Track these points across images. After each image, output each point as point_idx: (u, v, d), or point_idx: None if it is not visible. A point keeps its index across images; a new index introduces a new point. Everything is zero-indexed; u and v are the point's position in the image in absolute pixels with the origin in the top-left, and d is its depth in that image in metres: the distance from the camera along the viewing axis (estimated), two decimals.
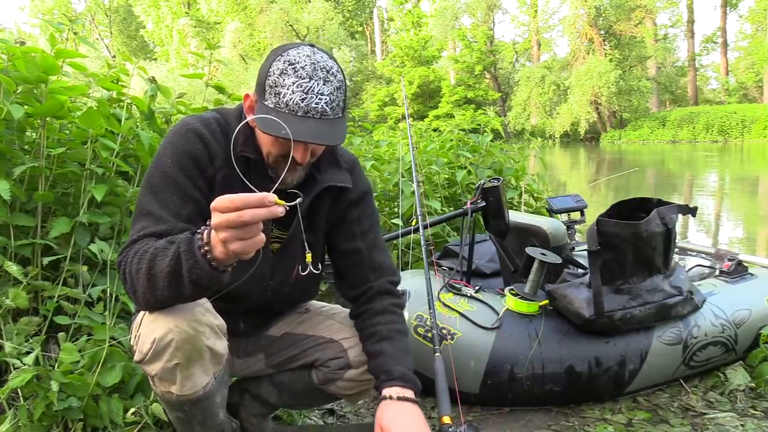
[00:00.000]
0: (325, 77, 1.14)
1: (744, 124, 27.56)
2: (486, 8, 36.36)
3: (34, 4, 44.25)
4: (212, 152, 1.23)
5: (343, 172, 1.37)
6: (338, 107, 1.17)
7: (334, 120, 1.16)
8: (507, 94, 36.69)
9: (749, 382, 2.07)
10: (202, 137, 1.22)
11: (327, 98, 1.13)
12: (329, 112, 1.14)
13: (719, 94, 38.50)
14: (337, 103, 1.16)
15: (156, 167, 1.20)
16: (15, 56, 1.85)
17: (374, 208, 1.47)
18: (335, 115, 1.16)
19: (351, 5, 45.01)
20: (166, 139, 1.24)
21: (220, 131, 1.25)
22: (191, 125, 1.23)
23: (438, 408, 1.65)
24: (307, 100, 1.11)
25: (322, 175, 1.32)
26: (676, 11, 37.74)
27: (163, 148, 1.22)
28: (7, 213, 1.75)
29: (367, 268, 1.40)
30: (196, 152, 1.21)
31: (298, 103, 1.11)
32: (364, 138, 4.63)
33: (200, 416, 1.27)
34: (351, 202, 1.39)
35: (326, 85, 1.13)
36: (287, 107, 1.11)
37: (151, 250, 1.03)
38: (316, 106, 1.12)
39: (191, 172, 1.20)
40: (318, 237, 1.39)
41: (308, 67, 1.12)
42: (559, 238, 2.25)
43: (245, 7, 36.41)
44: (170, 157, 1.20)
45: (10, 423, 1.49)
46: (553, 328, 1.96)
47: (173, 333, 1.11)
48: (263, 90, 1.15)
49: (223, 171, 1.23)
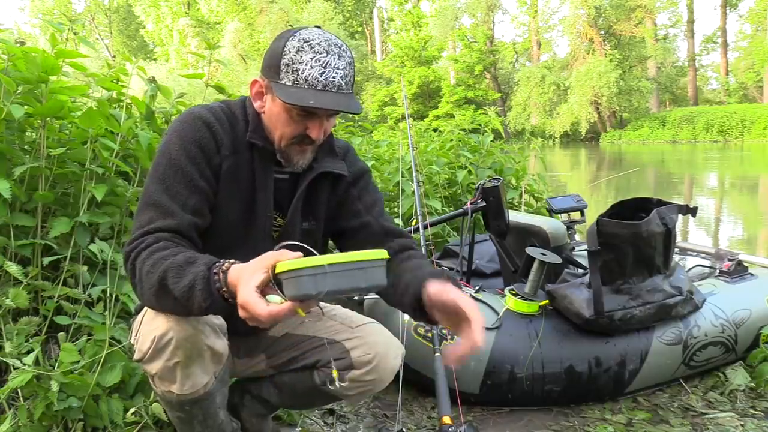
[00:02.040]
0: (339, 52, 1.16)
1: (744, 124, 27.57)
2: (486, 8, 36.37)
3: (34, 4, 44.25)
4: (219, 140, 1.23)
5: (338, 160, 1.38)
6: (350, 83, 1.19)
7: (348, 94, 1.18)
8: (507, 94, 36.68)
9: (749, 382, 2.07)
10: (209, 125, 1.22)
11: (342, 72, 1.16)
12: (344, 86, 1.16)
13: (719, 94, 38.51)
14: (350, 78, 1.19)
15: (163, 155, 1.20)
16: (15, 56, 1.85)
17: (374, 186, 1.46)
18: (348, 90, 1.18)
19: (351, 5, 45.01)
20: (173, 126, 1.24)
21: (226, 119, 1.26)
22: (199, 113, 1.24)
23: (438, 408, 1.65)
24: (326, 74, 1.13)
25: (318, 164, 1.33)
26: (676, 11, 37.75)
27: (170, 136, 1.22)
28: (7, 213, 1.75)
29: (380, 235, 1.36)
30: (203, 141, 1.21)
31: (317, 77, 1.13)
32: (364, 138, 4.64)
33: (201, 416, 1.27)
34: (349, 183, 1.39)
35: (341, 60, 1.16)
36: (307, 82, 1.13)
37: (167, 262, 1.03)
38: (334, 79, 1.14)
39: (199, 160, 1.20)
40: (318, 225, 1.39)
41: (323, 44, 1.15)
42: (559, 238, 2.25)
43: (245, 7, 36.42)
44: (177, 145, 1.20)
45: (10, 423, 1.49)
46: (553, 328, 1.96)
47: (173, 331, 1.11)
48: (277, 70, 1.15)
49: (230, 160, 1.24)
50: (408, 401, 2.04)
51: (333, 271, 0.93)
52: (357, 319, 1.45)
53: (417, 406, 2.02)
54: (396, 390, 1.75)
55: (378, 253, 0.98)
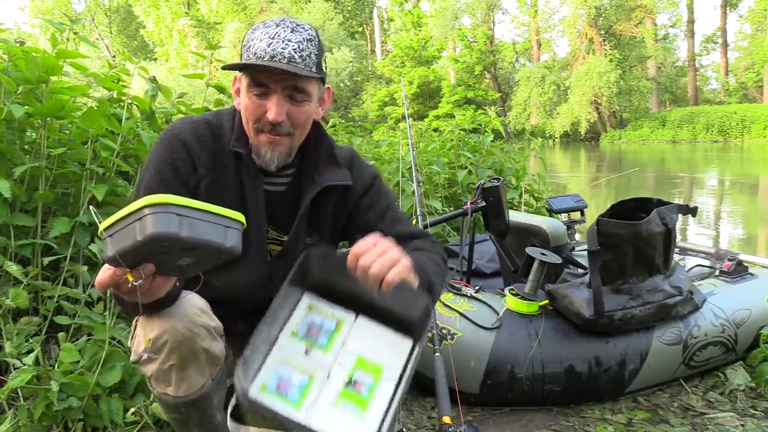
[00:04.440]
0: (293, 27, 1.13)
1: (744, 124, 27.56)
2: (486, 8, 36.36)
3: (34, 4, 44.24)
4: (196, 160, 1.21)
5: (341, 169, 1.32)
6: (310, 59, 1.13)
7: (305, 72, 1.12)
8: (507, 94, 36.67)
9: (749, 382, 2.07)
10: (186, 145, 1.21)
11: (295, 45, 1.11)
12: (297, 59, 1.11)
13: (719, 94, 38.49)
14: (307, 54, 1.13)
15: (143, 173, 1.22)
16: (16, 56, 1.85)
17: (386, 189, 1.41)
18: (306, 67, 1.13)
19: (351, 5, 45.00)
20: (154, 144, 1.24)
21: (209, 135, 1.24)
22: (178, 131, 1.23)
23: (438, 408, 1.65)
24: (273, 45, 1.10)
25: (320, 176, 1.29)
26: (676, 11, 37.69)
27: (150, 155, 1.23)
28: (8, 213, 1.75)
29: None
30: (178, 162, 1.20)
31: (265, 48, 1.10)
32: (364, 138, 4.63)
33: (197, 418, 1.26)
34: (359, 195, 1.35)
35: (294, 33, 1.12)
36: (255, 56, 1.11)
37: None
38: (283, 51, 1.10)
39: (170, 182, 1.19)
40: (323, 239, 1.36)
41: (276, 20, 1.14)
42: (559, 238, 2.25)
43: (245, 7, 36.41)
44: (152, 167, 1.21)
45: (10, 423, 1.49)
46: (553, 328, 1.96)
47: (168, 334, 1.11)
48: (240, 56, 1.16)
49: (209, 178, 1.22)
50: (408, 401, 2.04)
51: (151, 212, 0.79)
52: None
53: (417, 406, 2.02)
54: None
55: (229, 212, 0.87)
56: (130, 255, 0.84)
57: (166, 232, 0.80)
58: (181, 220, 0.81)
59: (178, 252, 0.85)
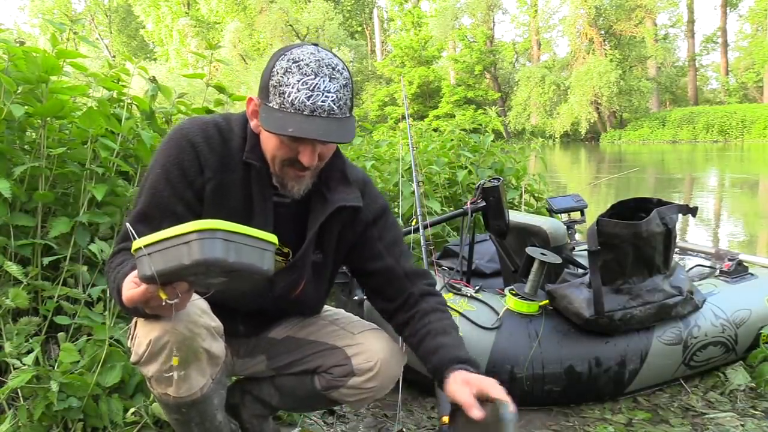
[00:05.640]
0: (330, 74, 1.09)
1: (744, 124, 27.54)
2: (486, 8, 36.37)
3: (34, 4, 44.24)
4: (203, 162, 1.20)
5: (353, 189, 1.31)
6: (345, 106, 1.12)
7: (342, 119, 1.11)
8: (507, 94, 36.67)
9: (749, 382, 2.07)
10: (194, 145, 1.19)
11: (334, 96, 1.09)
12: (336, 111, 1.10)
13: (719, 94, 38.46)
14: (344, 102, 1.11)
15: (150, 171, 1.21)
16: (16, 56, 1.84)
17: (394, 221, 1.43)
18: (343, 114, 1.11)
19: (351, 5, 44.99)
20: (163, 143, 1.23)
21: (218, 137, 1.22)
22: (187, 131, 1.21)
23: (438, 408, 1.65)
24: (314, 98, 1.07)
25: (332, 194, 1.28)
26: (676, 11, 37.69)
27: (157, 154, 1.22)
28: (7, 213, 1.75)
29: (402, 279, 1.36)
30: (185, 162, 1.19)
31: (304, 101, 1.07)
32: (364, 138, 4.64)
33: (198, 418, 1.27)
34: (368, 223, 1.35)
35: (332, 82, 1.09)
36: (293, 106, 1.07)
37: (119, 274, 1.08)
38: (323, 104, 1.08)
39: (177, 183, 1.19)
40: (327, 257, 1.36)
41: (313, 64, 1.08)
42: (559, 238, 2.25)
43: (245, 7, 36.42)
44: (159, 166, 1.19)
45: (10, 423, 1.49)
46: (553, 328, 1.96)
47: (169, 335, 1.10)
48: (267, 92, 1.11)
49: (215, 181, 1.21)
50: (408, 401, 2.04)
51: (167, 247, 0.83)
52: (359, 325, 1.44)
53: (417, 406, 2.02)
54: (396, 390, 1.74)
55: (266, 235, 0.90)
56: (172, 276, 0.87)
57: (214, 258, 0.84)
58: (227, 246, 0.85)
59: (218, 273, 0.89)
